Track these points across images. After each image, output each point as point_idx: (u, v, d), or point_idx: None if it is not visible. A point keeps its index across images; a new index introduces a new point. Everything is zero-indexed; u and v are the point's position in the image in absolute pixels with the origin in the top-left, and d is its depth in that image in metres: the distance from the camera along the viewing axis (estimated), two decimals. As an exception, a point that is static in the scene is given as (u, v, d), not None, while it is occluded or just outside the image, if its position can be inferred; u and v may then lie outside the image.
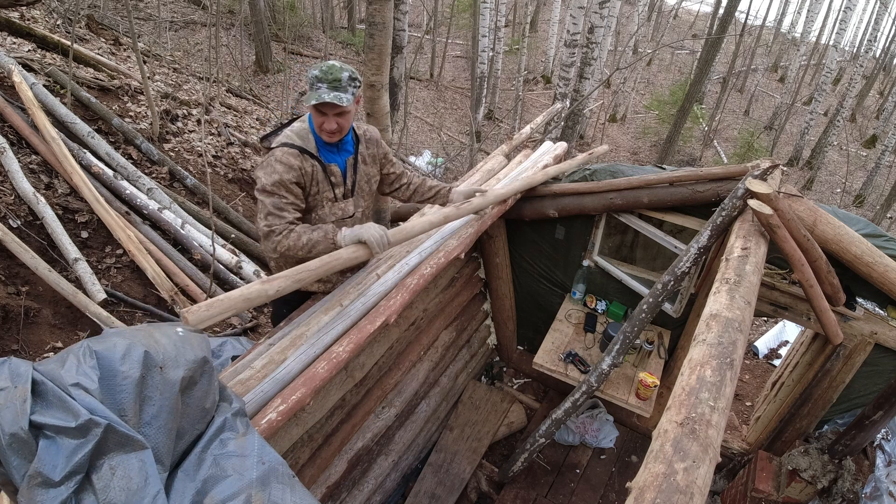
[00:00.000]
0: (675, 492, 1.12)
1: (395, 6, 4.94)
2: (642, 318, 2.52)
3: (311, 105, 1.86)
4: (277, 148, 1.93)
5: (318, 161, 1.99)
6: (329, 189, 2.05)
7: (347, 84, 1.85)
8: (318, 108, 1.87)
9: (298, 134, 1.97)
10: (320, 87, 1.82)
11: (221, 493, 1.24)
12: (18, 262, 3.24)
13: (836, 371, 2.70)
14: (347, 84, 1.85)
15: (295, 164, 1.91)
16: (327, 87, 1.82)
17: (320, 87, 1.82)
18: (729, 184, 2.49)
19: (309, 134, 1.98)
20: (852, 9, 13.31)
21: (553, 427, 2.86)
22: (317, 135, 1.98)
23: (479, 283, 3.63)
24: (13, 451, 1.07)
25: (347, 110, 1.89)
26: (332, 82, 1.83)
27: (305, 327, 1.96)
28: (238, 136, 5.48)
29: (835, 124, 13.17)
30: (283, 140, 1.95)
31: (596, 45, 7.56)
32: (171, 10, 12.60)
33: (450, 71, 16.54)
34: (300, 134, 1.98)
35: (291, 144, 1.94)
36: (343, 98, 1.83)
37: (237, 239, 4.35)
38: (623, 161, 11.49)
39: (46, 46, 5.09)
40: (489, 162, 3.36)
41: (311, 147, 1.97)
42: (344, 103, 1.83)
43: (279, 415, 1.62)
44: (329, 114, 1.88)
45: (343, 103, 1.83)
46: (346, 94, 1.85)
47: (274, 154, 1.91)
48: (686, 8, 25.27)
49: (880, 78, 21.70)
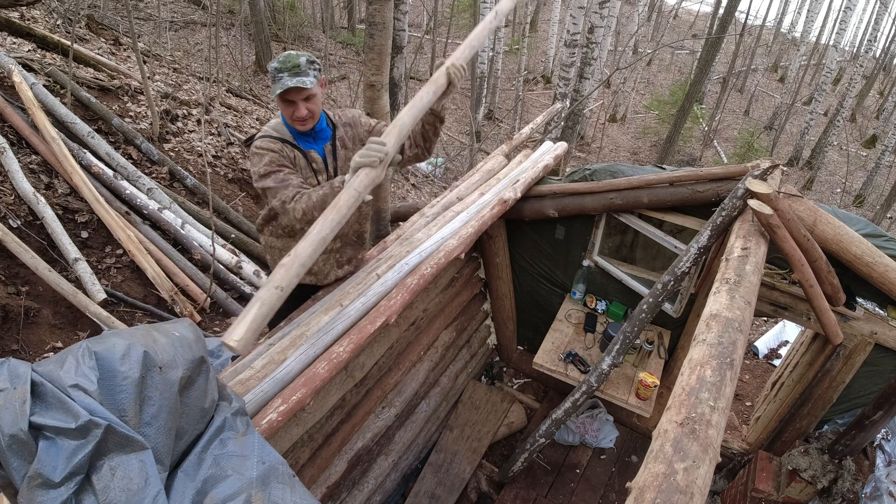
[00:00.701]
0: (675, 492, 1.12)
1: (395, 6, 4.94)
2: (642, 318, 2.52)
3: (279, 96, 1.89)
4: (258, 139, 1.99)
5: (298, 149, 2.03)
6: (312, 176, 2.08)
7: (307, 68, 1.88)
8: (285, 98, 1.90)
9: (274, 128, 2.03)
10: (282, 77, 1.86)
11: (221, 492, 1.24)
12: (18, 262, 3.24)
13: (836, 371, 2.70)
14: (307, 68, 1.88)
15: (276, 147, 1.96)
16: (288, 75, 1.85)
17: (282, 76, 1.86)
18: (729, 184, 2.49)
19: (283, 127, 2.03)
20: (852, 9, 13.30)
21: (553, 427, 2.86)
22: (290, 126, 2.02)
23: (479, 283, 3.63)
24: (13, 453, 1.07)
25: (313, 93, 1.92)
26: (293, 69, 1.86)
27: (305, 327, 1.96)
28: (238, 136, 5.48)
29: (835, 124, 13.17)
30: (259, 135, 2.02)
31: (596, 45, 7.56)
32: (171, 10, 12.59)
33: (450, 71, 16.51)
34: (276, 128, 2.03)
35: (269, 136, 2.00)
36: (306, 81, 1.86)
37: (237, 239, 4.35)
38: (623, 161, 11.50)
39: (46, 46, 5.09)
40: (489, 162, 3.36)
41: (288, 138, 2.02)
42: (308, 85, 1.86)
43: (279, 415, 1.62)
44: (297, 100, 1.90)
45: (307, 86, 1.86)
46: (307, 77, 1.87)
47: (255, 144, 1.97)
48: (686, 8, 25.27)
49: (880, 78, 21.70)
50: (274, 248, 2.25)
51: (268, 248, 2.30)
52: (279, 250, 2.23)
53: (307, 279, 2.24)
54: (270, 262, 2.31)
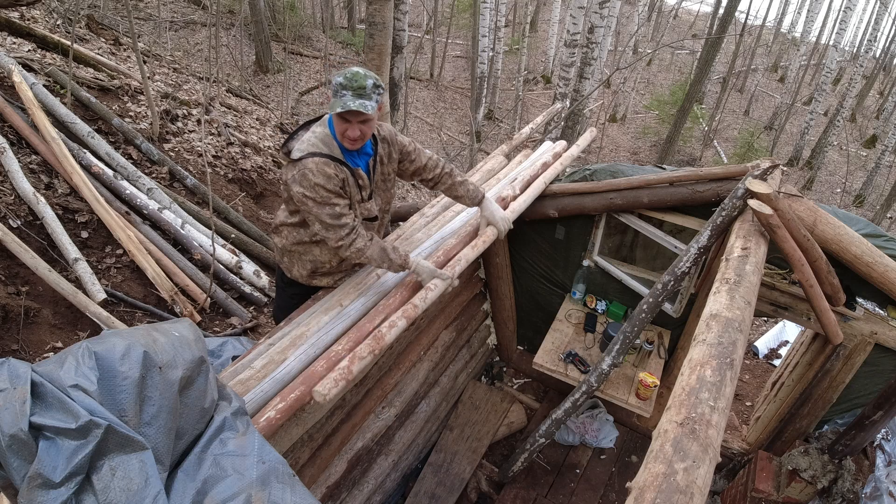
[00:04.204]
0: (675, 492, 1.12)
1: (395, 6, 4.94)
2: (642, 318, 2.52)
3: (336, 112, 1.84)
4: (308, 159, 1.90)
5: (347, 166, 1.99)
6: (357, 192, 2.06)
7: (372, 91, 1.84)
8: (342, 116, 1.86)
9: (323, 140, 1.95)
10: (345, 95, 1.81)
11: (221, 492, 1.24)
12: (18, 262, 3.24)
13: (836, 371, 2.70)
14: (372, 91, 1.84)
15: (331, 173, 1.90)
16: (352, 95, 1.80)
17: (345, 94, 1.81)
18: (729, 184, 2.49)
19: (332, 140, 1.96)
20: (852, 9, 13.31)
21: (553, 427, 2.86)
22: (339, 141, 1.96)
23: (479, 283, 3.63)
24: (13, 453, 1.07)
25: (371, 117, 1.88)
26: (357, 90, 1.81)
27: (305, 327, 1.96)
28: (238, 136, 5.48)
29: (835, 124, 13.17)
30: (308, 149, 1.92)
31: (596, 45, 7.56)
32: (171, 10, 12.59)
33: (450, 71, 16.54)
34: (324, 140, 1.95)
35: (320, 154, 1.92)
36: (368, 106, 1.82)
37: (237, 239, 4.35)
38: (623, 161, 11.49)
39: (46, 46, 5.09)
40: (489, 162, 3.36)
41: (336, 153, 1.96)
42: (369, 111, 1.82)
43: (278, 412, 1.62)
44: (353, 121, 1.86)
45: (368, 111, 1.82)
46: (370, 101, 1.84)
47: (306, 166, 1.89)
48: (686, 8, 25.27)
49: (880, 78, 21.70)
50: (293, 253, 2.24)
51: (285, 252, 2.27)
52: (299, 254, 2.22)
53: (326, 281, 2.27)
54: (288, 263, 2.28)
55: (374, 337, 1.85)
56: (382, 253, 2.03)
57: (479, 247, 2.31)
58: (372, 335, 1.87)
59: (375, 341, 1.83)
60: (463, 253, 2.26)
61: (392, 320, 1.92)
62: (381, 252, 2.03)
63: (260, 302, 4.05)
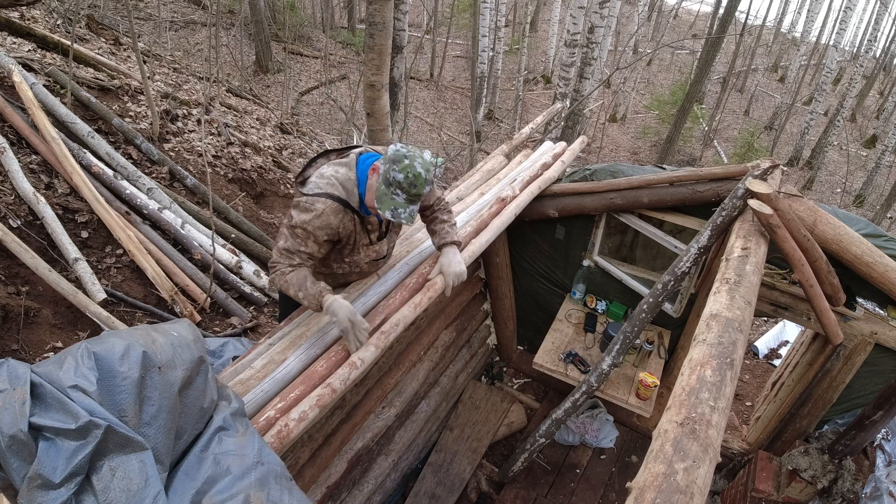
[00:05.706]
0: (675, 492, 1.12)
1: (395, 6, 4.94)
2: (642, 318, 2.52)
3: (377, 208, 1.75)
4: (322, 198, 1.80)
5: (358, 214, 1.93)
6: (365, 236, 2.02)
7: (424, 191, 1.75)
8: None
9: (344, 184, 1.84)
10: (398, 197, 1.71)
11: (221, 492, 1.24)
12: (18, 262, 3.24)
13: (836, 371, 2.70)
14: (424, 191, 1.75)
15: (334, 222, 1.83)
16: (405, 200, 1.72)
17: (398, 195, 1.71)
18: (729, 184, 2.49)
19: (355, 188, 1.87)
20: (852, 9, 13.30)
21: (553, 427, 2.86)
22: (363, 195, 1.87)
23: (479, 283, 3.63)
24: (13, 454, 1.07)
25: None
26: (414, 197, 1.72)
27: (305, 327, 1.96)
28: (238, 136, 5.49)
29: (835, 124, 13.16)
30: (326, 189, 1.82)
31: (596, 45, 7.56)
32: (171, 10, 12.59)
33: (450, 71, 16.53)
34: (345, 184, 1.85)
35: (336, 197, 1.82)
36: (416, 213, 1.77)
37: (237, 239, 4.35)
38: (623, 161, 11.49)
39: (46, 46, 5.09)
40: (489, 162, 3.36)
41: (353, 202, 1.88)
42: (415, 221, 1.79)
43: (277, 412, 1.62)
44: None
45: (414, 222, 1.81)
46: (417, 204, 1.76)
47: (316, 205, 1.79)
48: (686, 8, 25.26)
49: (880, 78, 21.69)
50: None
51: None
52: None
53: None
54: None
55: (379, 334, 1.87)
56: (302, 281, 1.83)
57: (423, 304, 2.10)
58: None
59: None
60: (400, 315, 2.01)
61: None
62: (301, 281, 1.83)
63: (260, 302, 4.05)
